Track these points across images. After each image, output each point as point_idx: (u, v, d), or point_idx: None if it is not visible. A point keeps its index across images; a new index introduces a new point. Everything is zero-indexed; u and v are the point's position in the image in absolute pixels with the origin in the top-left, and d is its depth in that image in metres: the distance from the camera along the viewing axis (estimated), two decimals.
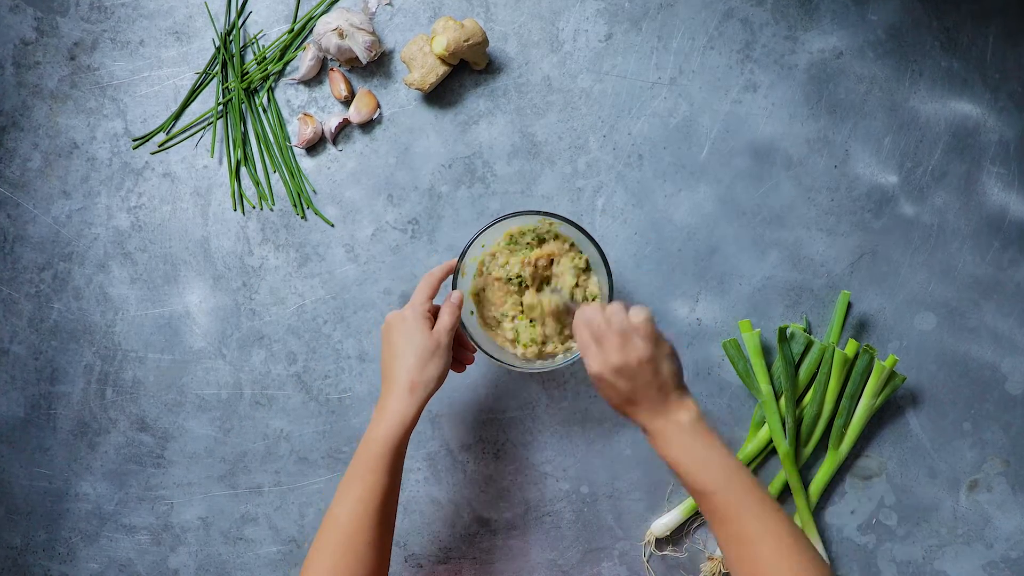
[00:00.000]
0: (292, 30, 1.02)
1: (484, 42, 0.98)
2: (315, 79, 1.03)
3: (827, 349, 0.97)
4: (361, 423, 1.00)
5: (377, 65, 1.02)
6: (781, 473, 0.97)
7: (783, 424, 0.97)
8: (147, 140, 1.03)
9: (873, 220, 1.00)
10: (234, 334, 1.01)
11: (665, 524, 0.98)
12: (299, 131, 1.01)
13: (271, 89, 1.03)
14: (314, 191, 1.02)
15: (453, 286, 0.90)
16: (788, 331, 0.98)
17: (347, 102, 1.02)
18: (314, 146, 1.02)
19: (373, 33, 1.00)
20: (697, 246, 1.00)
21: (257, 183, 1.02)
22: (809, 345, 0.98)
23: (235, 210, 1.02)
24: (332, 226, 1.02)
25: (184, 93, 1.03)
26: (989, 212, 0.99)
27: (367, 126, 1.02)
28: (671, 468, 0.79)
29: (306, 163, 1.02)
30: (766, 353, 0.99)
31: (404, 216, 1.02)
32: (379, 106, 1.02)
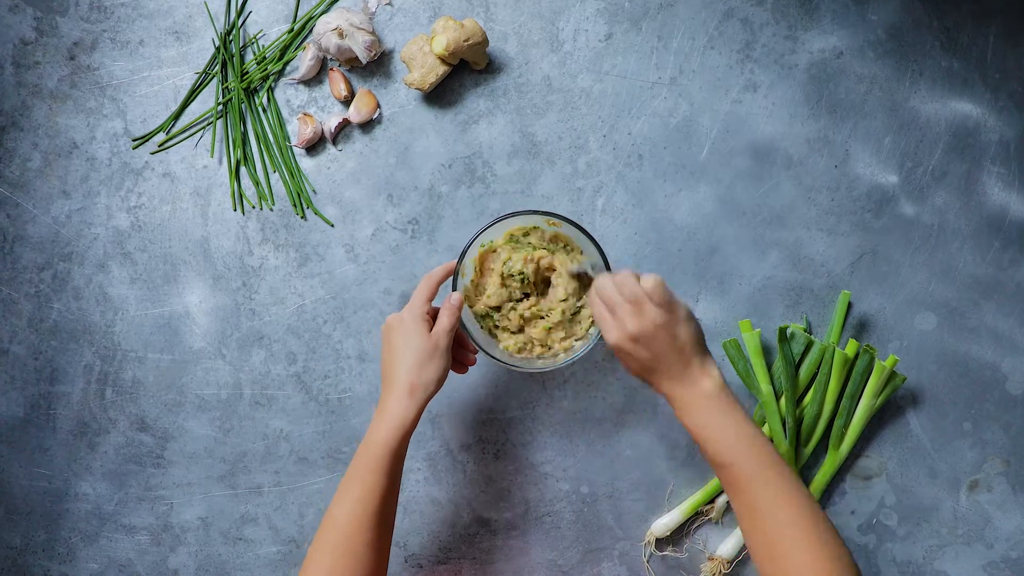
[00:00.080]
0: (292, 30, 1.02)
1: (484, 42, 0.98)
2: (315, 79, 1.03)
3: (827, 349, 0.97)
4: (361, 423, 1.00)
5: (377, 65, 1.02)
6: None
7: (783, 424, 0.97)
8: (147, 140, 1.03)
9: (873, 220, 1.00)
10: (234, 334, 1.01)
11: (665, 524, 0.97)
12: (299, 131, 1.01)
13: (271, 89, 1.03)
14: (314, 191, 1.02)
15: (453, 287, 0.90)
16: (788, 331, 0.98)
17: (347, 102, 1.02)
18: (314, 146, 1.02)
19: (373, 33, 1.00)
20: (697, 246, 1.00)
21: (257, 183, 1.02)
22: (809, 345, 0.98)
23: (235, 210, 1.02)
24: (332, 226, 1.02)
25: (184, 93, 1.03)
26: (989, 212, 0.99)
27: (367, 126, 1.02)
28: (692, 436, 0.78)
29: (306, 163, 1.02)
30: (766, 353, 0.99)
31: (404, 216, 1.01)
32: (379, 106, 1.02)
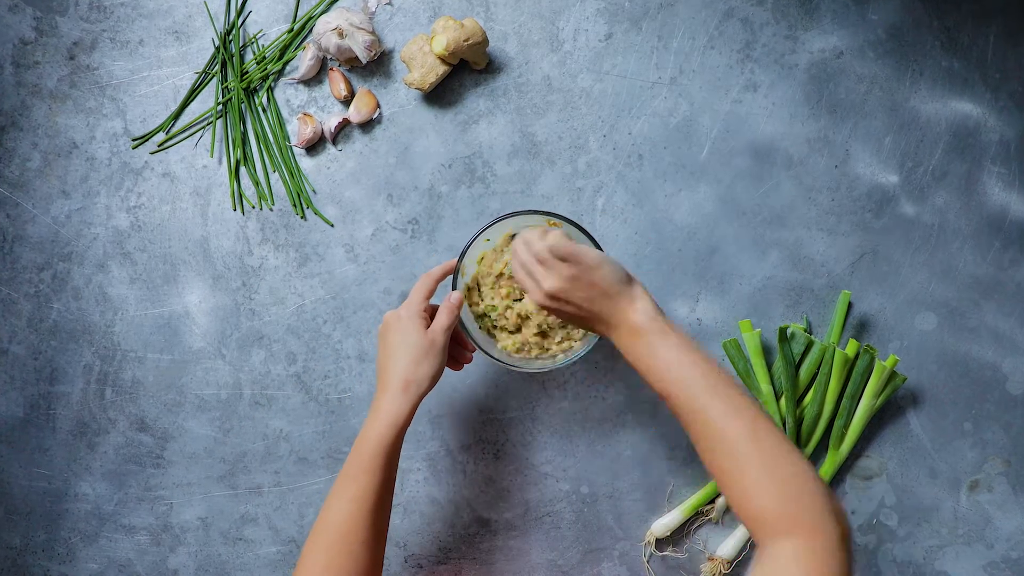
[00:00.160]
0: (292, 30, 1.02)
1: (484, 42, 0.98)
2: (315, 79, 1.03)
3: (827, 349, 0.96)
4: (361, 423, 1.00)
5: (377, 65, 1.02)
6: None
7: (784, 424, 0.97)
8: (146, 140, 1.03)
9: (874, 220, 1.00)
10: (234, 334, 1.01)
11: (665, 524, 0.97)
12: (299, 131, 1.01)
13: (271, 89, 1.02)
14: (314, 191, 1.02)
15: (453, 286, 0.89)
16: (788, 331, 0.98)
17: (347, 102, 1.02)
18: (314, 146, 1.02)
19: (373, 33, 1.00)
20: (697, 246, 1.00)
21: (257, 183, 1.02)
22: (809, 345, 0.98)
23: (235, 210, 1.02)
24: (332, 226, 1.02)
25: (184, 93, 1.03)
26: (990, 212, 0.99)
27: (367, 126, 1.02)
28: (640, 375, 0.78)
29: (306, 163, 1.02)
30: (766, 353, 0.99)
31: (404, 216, 1.01)
32: (379, 106, 1.02)
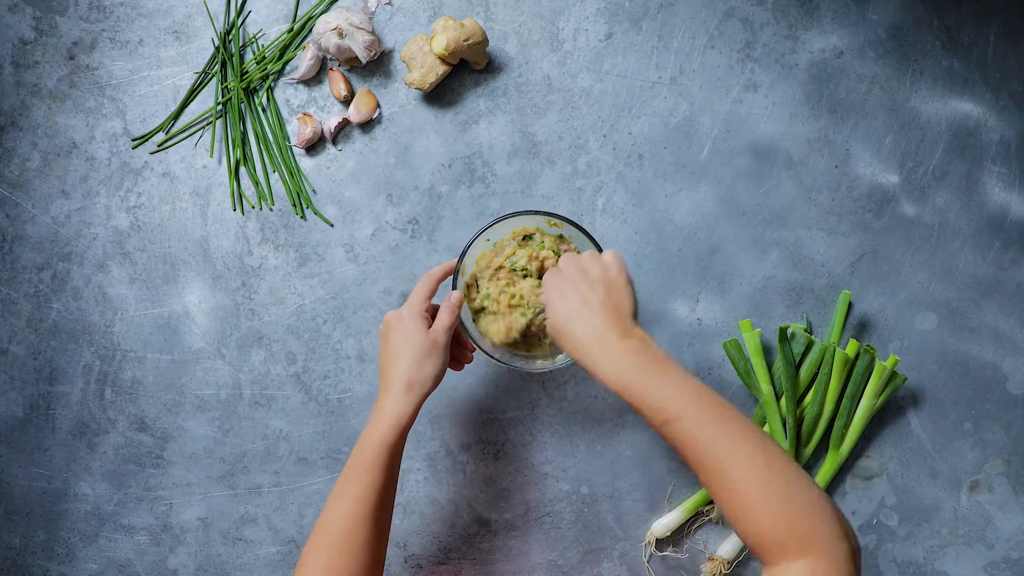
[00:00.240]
0: (291, 29, 1.02)
1: (484, 41, 0.98)
2: (315, 79, 1.03)
3: (828, 349, 0.96)
4: (361, 423, 1.00)
5: (377, 65, 1.02)
6: None
7: (784, 424, 0.97)
8: (146, 140, 1.03)
9: (874, 220, 1.00)
10: (233, 334, 1.01)
11: (665, 524, 0.97)
12: (298, 131, 1.01)
13: (270, 89, 1.02)
14: (314, 191, 1.02)
15: (453, 286, 0.89)
16: (789, 331, 0.97)
17: (347, 102, 1.02)
18: (313, 146, 1.02)
19: (373, 32, 1.00)
20: (697, 246, 1.00)
21: (256, 183, 1.02)
22: (810, 345, 0.98)
23: (234, 210, 1.02)
24: (332, 226, 1.01)
25: (183, 93, 1.03)
26: (990, 212, 0.99)
27: (367, 126, 1.02)
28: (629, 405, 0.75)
29: (305, 163, 1.02)
30: (767, 353, 0.99)
31: (404, 216, 1.01)
32: (379, 106, 1.02)
